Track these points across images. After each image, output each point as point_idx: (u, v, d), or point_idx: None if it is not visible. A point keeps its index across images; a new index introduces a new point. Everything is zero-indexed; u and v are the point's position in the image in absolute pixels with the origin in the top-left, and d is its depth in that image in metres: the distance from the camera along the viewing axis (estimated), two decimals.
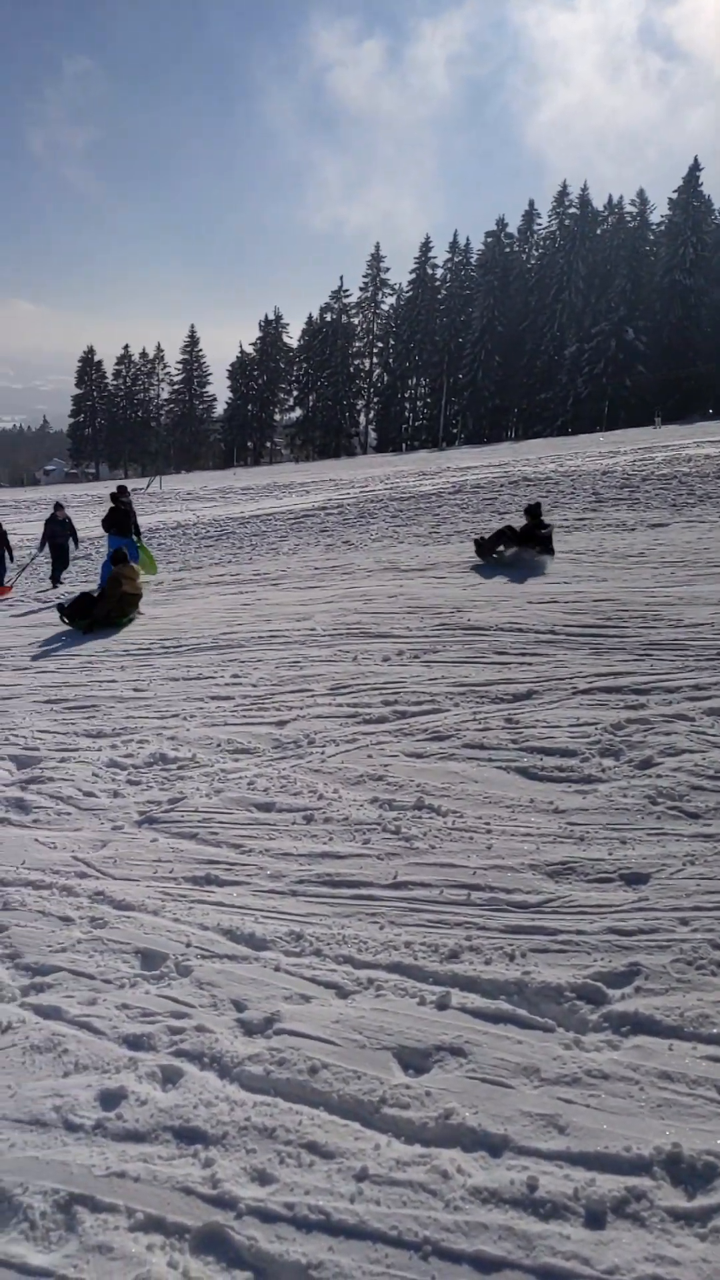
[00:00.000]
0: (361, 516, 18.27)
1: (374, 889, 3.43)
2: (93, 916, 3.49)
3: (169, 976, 3.02)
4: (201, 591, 11.71)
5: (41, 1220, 2.06)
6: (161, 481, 43.57)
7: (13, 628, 10.91)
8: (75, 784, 4.98)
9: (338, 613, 8.53)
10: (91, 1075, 2.55)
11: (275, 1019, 2.69)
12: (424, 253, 75.41)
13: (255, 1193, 2.07)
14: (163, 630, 9.13)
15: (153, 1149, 2.24)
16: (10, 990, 3.06)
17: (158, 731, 5.71)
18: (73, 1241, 2.00)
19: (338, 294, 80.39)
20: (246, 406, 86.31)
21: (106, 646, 8.66)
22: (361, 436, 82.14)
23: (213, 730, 5.58)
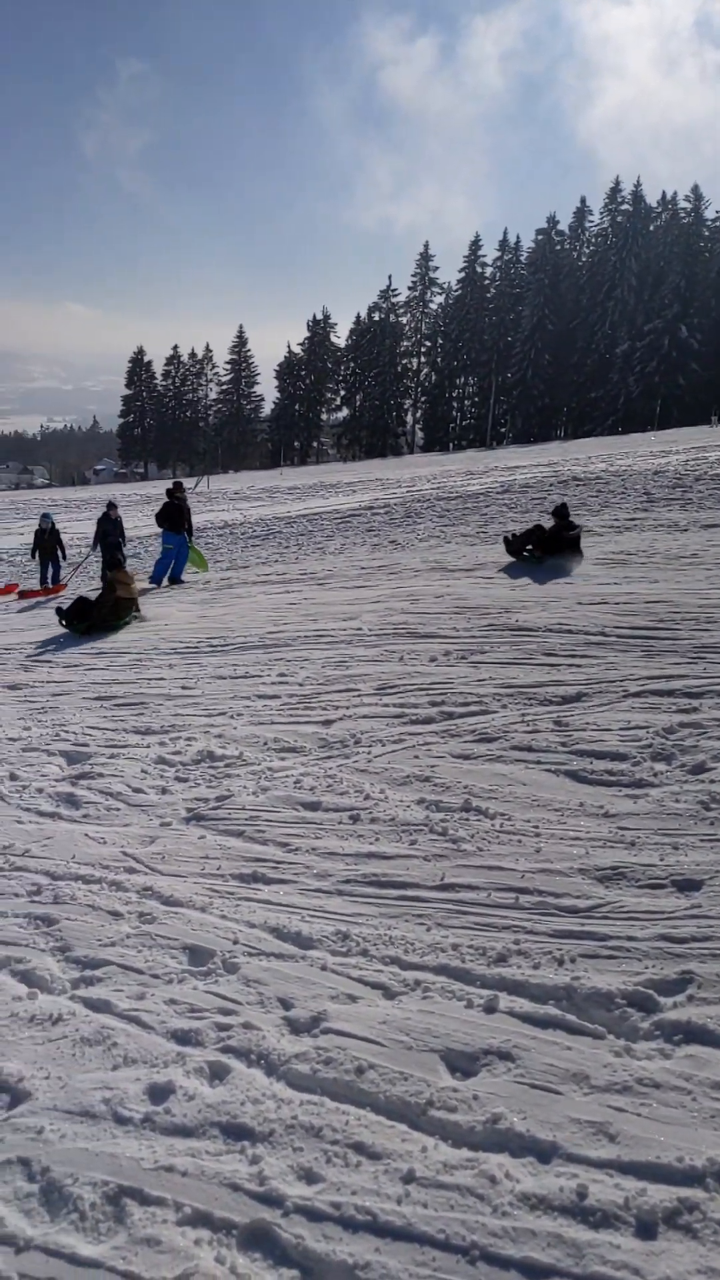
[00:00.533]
0: (408, 516, 18.23)
1: (421, 890, 3.42)
2: (141, 912, 3.52)
3: (216, 973, 3.04)
4: (248, 591, 11.79)
5: (91, 1211, 2.08)
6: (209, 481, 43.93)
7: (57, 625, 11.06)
8: (124, 780, 5.04)
9: (384, 612, 8.53)
10: (140, 1069, 2.57)
11: (322, 1018, 2.69)
12: (473, 251, 75.06)
13: (302, 1191, 2.07)
14: (210, 629, 9.21)
15: (200, 1144, 2.26)
16: (61, 983, 3.10)
17: (205, 729, 5.75)
18: (122, 1233, 2.02)
19: (386, 293, 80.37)
20: (293, 406, 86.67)
21: (155, 644, 8.76)
22: (408, 436, 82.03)
23: (259, 729, 5.61)
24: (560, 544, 10.26)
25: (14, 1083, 2.56)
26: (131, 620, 10.25)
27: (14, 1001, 3.00)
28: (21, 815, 4.72)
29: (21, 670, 8.51)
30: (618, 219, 66.60)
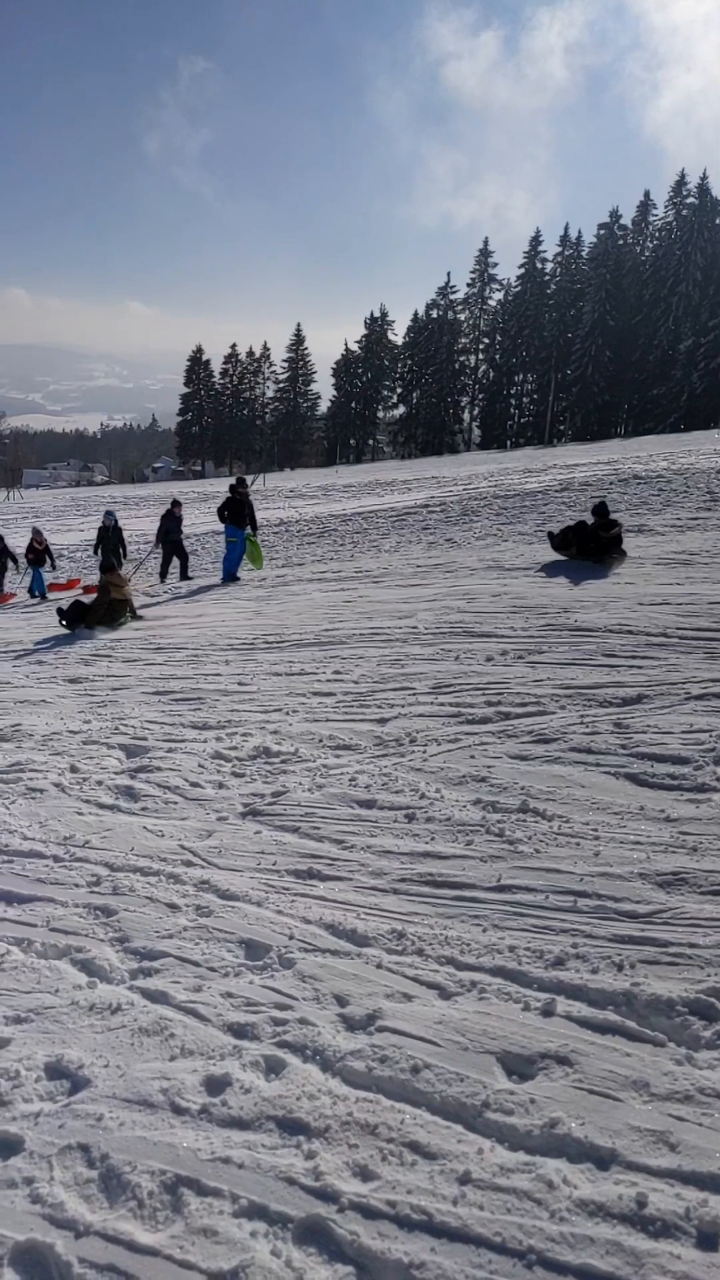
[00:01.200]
0: (465, 514, 18.14)
1: (477, 891, 3.40)
2: (198, 905, 3.56)
3: (272, 968, 3.06)
4: (304, 588, 11.84)
5: (149, 1199, 2.11)
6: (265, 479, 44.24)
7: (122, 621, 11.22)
8: (182, 774, 5.10)
9: (440, 611, 8.50)
10: (197, 1060, 2.60)
11: (377, 1016, 2.70)
12: (533, 247, 74.34)
13: (358, 1188, 2.08)
14: (265, 626, 9.27)
15: (256, 1137, 2.27)
16: (120, 973, 3.15)
17: (261, 725, 5.79)
18: (179, 1223, 2.04)
19: (444, 290, 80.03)
20: (350, 404, 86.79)
21: (212, 641, 8.85)
22: (465, 433, 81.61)
23: (315, 726, 5.63)
24: (598, 543, 10.14)
25: (74, 1069, 2.61)
26: (127, 620, 10.74)
27: (74, 990, 3.06)
28: (81, 807, 4.80)
29: (82, 664, 8.66)
30: (683, 212, 65.39)
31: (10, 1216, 2.10)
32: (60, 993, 3.05)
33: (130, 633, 10.16)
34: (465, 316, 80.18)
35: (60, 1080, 2.60)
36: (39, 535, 16.62)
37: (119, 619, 10.67)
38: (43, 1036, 2.80)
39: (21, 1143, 2.33)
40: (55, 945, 3.38)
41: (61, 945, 3.38)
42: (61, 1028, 2.84)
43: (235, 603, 11.54)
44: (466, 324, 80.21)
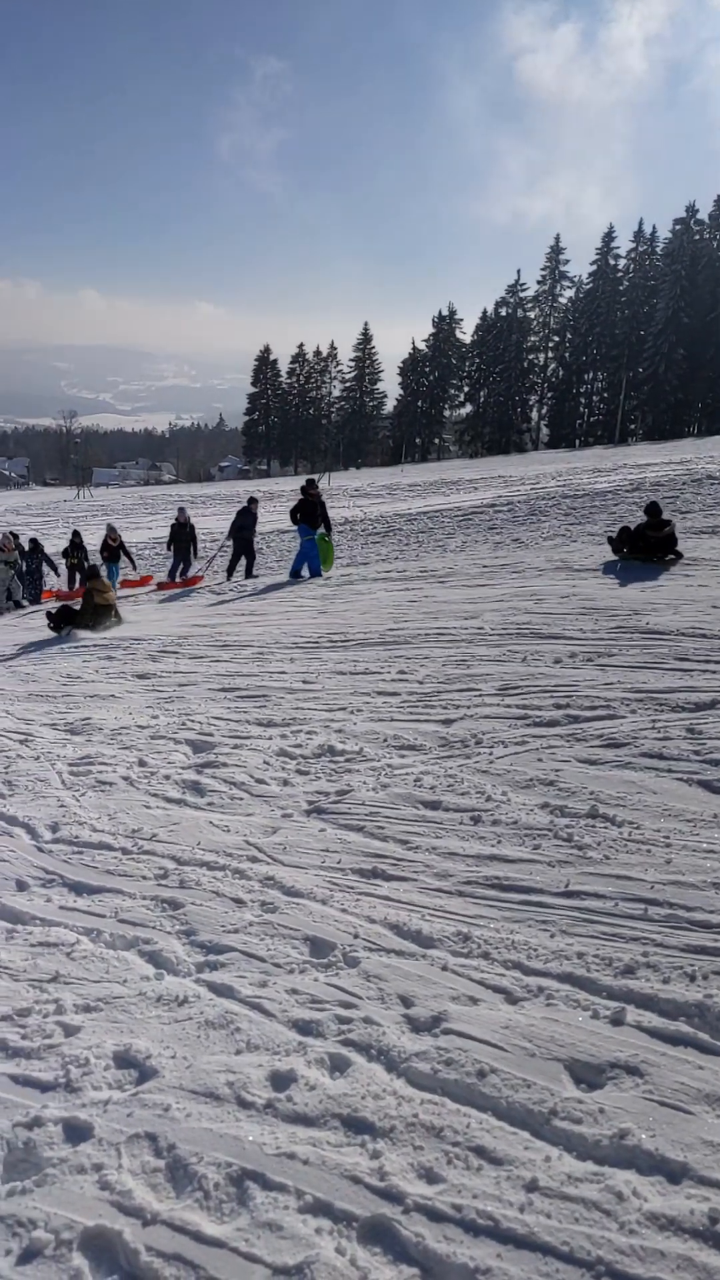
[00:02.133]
0: (532, 514, 17.98)
1: (544, 896, 3.35)
2: (263, 901, 3.59)
3: (337, 966, 3.07)
4: (368, 587, 11.85)
5: (215, 1191, 2.13)
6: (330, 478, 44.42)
7: (193, 620, 11.39)
8: (247, 770, 5.14)
9: (507, 612, 8.43)
10: (263, 1055, 2.62)
11: (443, 1018, 2.68)
12: (606, 243, 73.26)
13: (423, 1190, 2.07)
14: (330, 625, 9.31)
15: (321, 1134, 2.28)
16: (186, 966, 3.19)
17: (325, 724, 5.81)
18: (244, 1216, 2.06)
19: (514, 288, 79.37)
20: (416, 403, 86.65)
21: (277, 639, 8.91)
22: (533, 432, 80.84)
23: (379, 725, 5.63)
24: (647, 543, 9.98)
25: (142, 1059, 2.65)
26: (113, 624, 11.40)
27: (142, 981, 3.11)
28: (149, 801, 4.88)
29: (150, 660, 8.80)
30: None
31: (80, 1201, 2.13)
32: (128, 983, 3.10)
33: (195, 630, 10.29)
34: (535, 314, 79.38)
35: (128, 1069, 2.64)
36: (113, 532, 16.87)
37: (104, 622, 11.29)
38: (111, 1025, 2.85)
39: (91, 1129, 2.37)
40: (123, 936, 3.44)
41: (129, 936, 3.43)
42: (130, 1017, 2.89)
43: (300, 601, 11.61)
44: (536, 322, 79.40)
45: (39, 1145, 2.33)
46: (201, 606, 12.64)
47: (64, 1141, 2.35)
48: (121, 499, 45.56)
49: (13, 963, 3.30)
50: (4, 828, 4.66)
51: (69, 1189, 2.18)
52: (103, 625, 11.15)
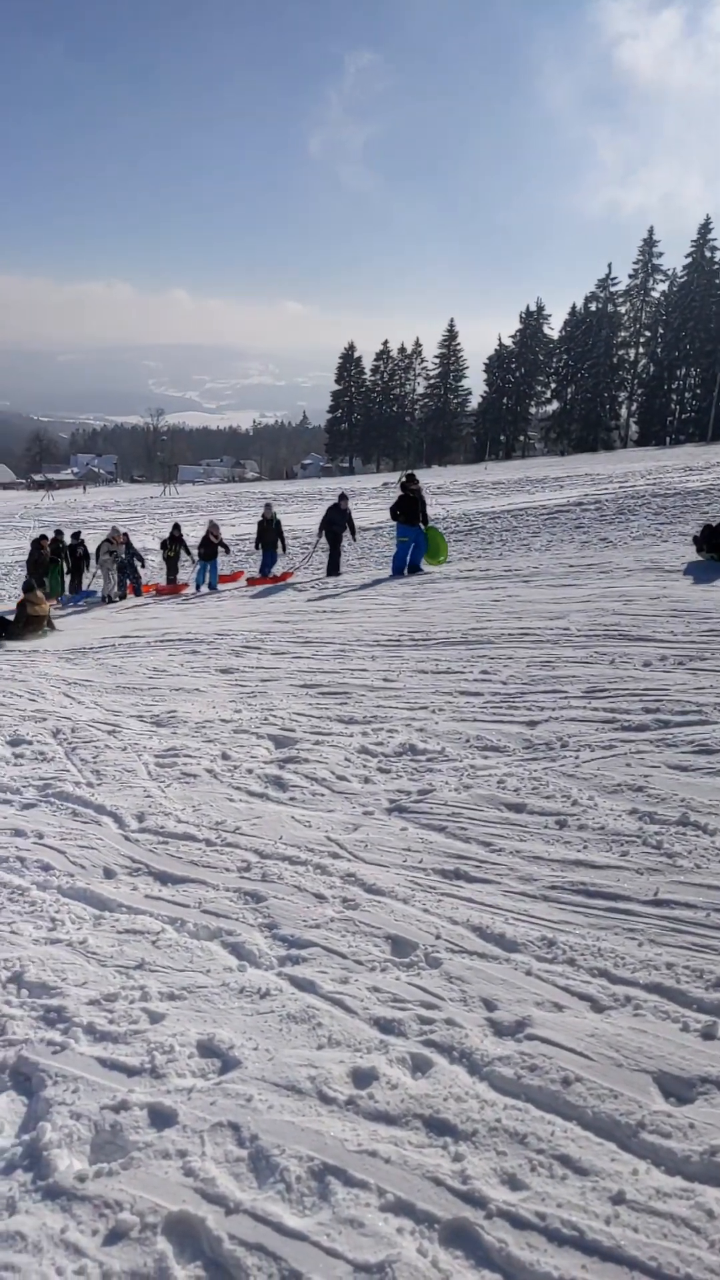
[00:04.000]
0: (620, 513, 17.64)
1: (632, 904, 3.28)
2: (345, 897, 3.60)
3: (418, 965, 3.05)
4: (450, 586, 11.80)
5: (297, 1184, 2.14)
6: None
7: (275, 616, 11.51)
8: (328, 767, 5.16)
9: (594, 613, 8.29)
10: (344, 1052, 2.63)
11: (526, 1023, 2.64)
12: (702, 235, 71.42)
13: (506, 1196, 2.04)
14: (412, 623, 9.30)
15: (403, 1133, 2.27)
16: (269, 959, 3.22)
17: (407, 722, 5.80)
18: (325, 1210, 2.06)
19: (604, 282, 78.02)
20: (501, 400, 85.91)
21: (359, 637, 8.94)
22: (622, 430, 79.28)
23: (461, 725, 5.59)
24: None
25: (225, 1049, 2.68)
26: (46, 633, 12.65)
27: (225, 972, 3.15)
28: (233, 794, 4.94)
29: (233, 656, 8.93)
30: None
31: (164, 1186, 2.17)
32: (211, 973, 3.14)
33: (277, 626, 10.39)
34: (626, 309, 77.89)
35: (211, 1059, 2.67)
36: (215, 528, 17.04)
37: (38, 632, 12.56)
38: (195, 1015, 2.89)
39: (175, 1115, 2.41)
40: (207, 927, 3.49)
41: (213, 927, 3.48)
42: (213, 1007, 2.93)
43: (381, 599, 11.63)
44: (627, 316, 77.90)
45: (125, 1129, 2.38)
46: (285, 602, 12.77)
47: (149, 1126, 2.39)
48: (206, 496, 46.36)
49: (100, 948, 3.38)
50: (92, 816, 4.78)
51: (154, 1173, 2.22)
52: (34, 636, 12.38)
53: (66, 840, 4.47)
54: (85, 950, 3.37)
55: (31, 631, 12.47)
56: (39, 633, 12.50)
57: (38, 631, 12.51)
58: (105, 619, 14.36)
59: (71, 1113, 2.45)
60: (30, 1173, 2.26)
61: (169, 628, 11.60)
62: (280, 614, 11.49)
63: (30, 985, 3.14)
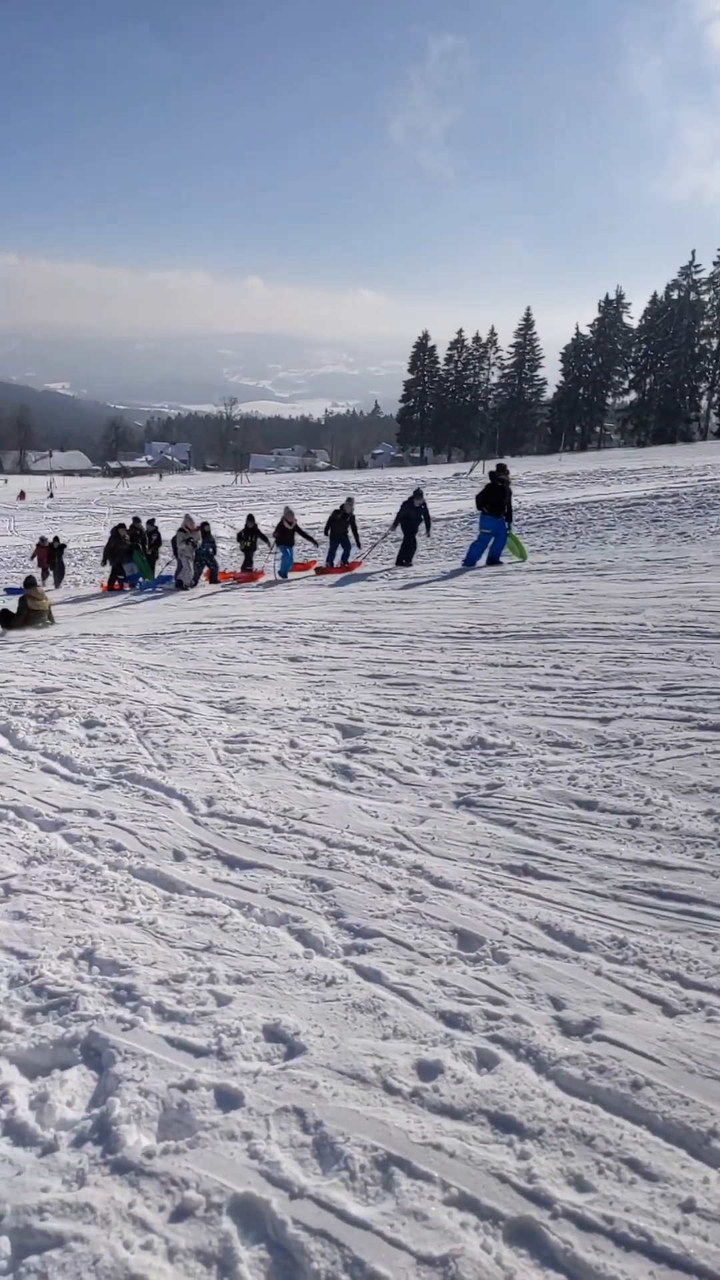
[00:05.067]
0: (699, 507, 17.23)
1: (706, 907, 3.19)
2: (411, 889, 3.59)
3: (485, 960, 3.03)
4: (522, 578, 11.68)
5: (361, 1173, 2.14)
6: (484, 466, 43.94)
7: (344, 606, 11.53)
8: (396, 758, 5.16)
9: (671, 609, 8.11)
10: (409, 1043, 2.62)
11: (595, 1024, 2.60)
12: None
13: (572, 1197, 2.02)
14: (482, 615, 9.22)
15: (468, 1128, 2.26)
16: (335, 947, 3.23)
17: (476, 715, 5.76)
18: (389, 1201, 2.06)
19: (687, 269, 76.10)
20: (578, 390, 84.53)
21: (427, 628, 8.90)
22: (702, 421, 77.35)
23: (532, 720, 5.53)
24: None
25: (291, 1035, 2.70)
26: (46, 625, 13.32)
27: (291, 958, 3.17)
28: (300, 781, 4.97)
29: (301, 644, 8.97)
30: None
31: (230, 1167, 2.20)
32: (278, 959, 3.17)
33: (345, 615, 10.40)
34: (709, 297, 75.84)
35: (277, 1043, 2.69)
36: (290, 515, 17.06)
37: (38, 624, 13.28)
38: (261, 999, 2.92)
39: (241, 1098, 2.44)
40: (274, 913, 3.51)
41: (280, 913, 3.51)
42: (279, 993, 2.95)
43: (451, 591, 11.56)
44: (710, 305, 75.84)
45: (192, 1108, 2.42)
46: (354, 592, 12.79)
47: (215, 1107, 2.42)
48: (277, 485, 46.64)
49: (169, 929, 3.44)
50: (163, 799, 4.86)
51: (220, 1154, 2.24)
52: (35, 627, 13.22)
53: (138, 822, 4.55)
54: (155, 931, 3.43)
55: (31, 624, 13.30)
56: (39, 625, 13.31)
57: (38, 623, 13.36)
58: (177, 605, 14.58)
59: (140, 1089, 2.50)
60: (100, 1146, 2.31)
61: (238, 615, 11.71)
62: (349, 604, 11.51)
63: (101, 963, 3.20)
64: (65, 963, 3.21)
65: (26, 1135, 2.38)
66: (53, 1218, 2.07)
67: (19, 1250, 2.00)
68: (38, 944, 3.35)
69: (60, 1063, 2.70)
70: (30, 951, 3.30)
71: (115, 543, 19.00)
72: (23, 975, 3.14)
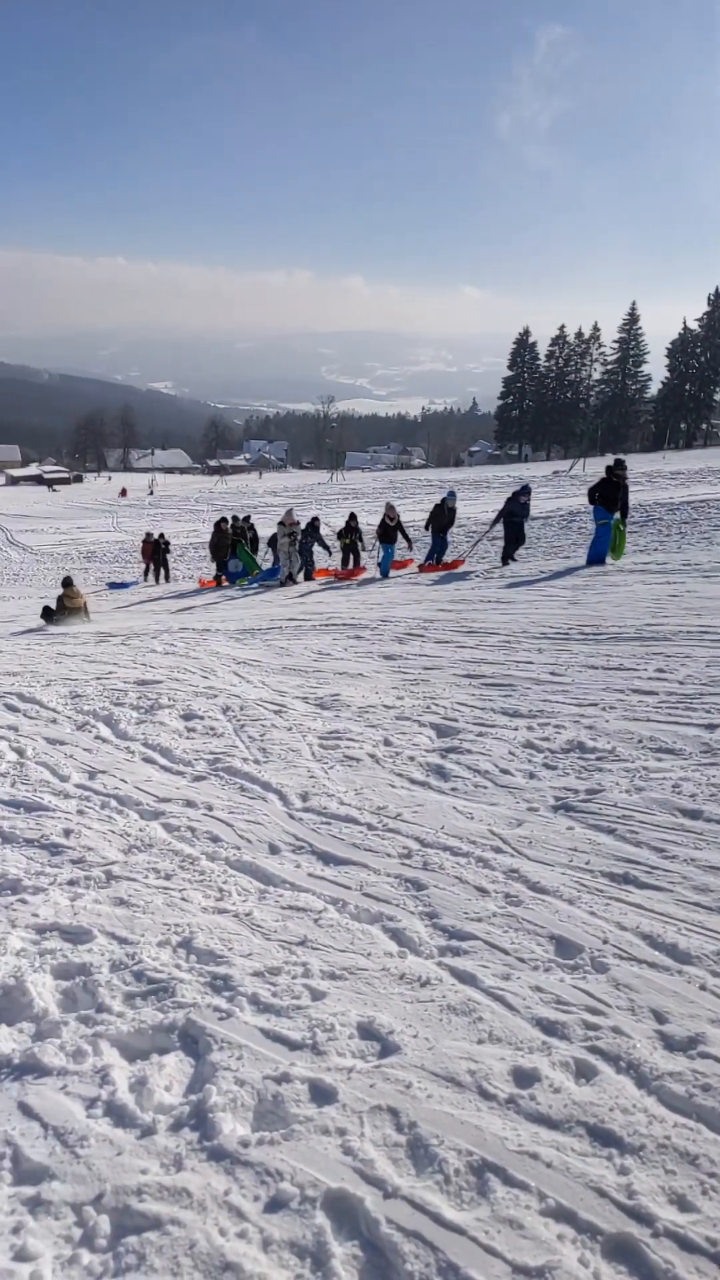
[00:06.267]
0: None
1: None
2: (508, 893, 3.54)
3: (584, 969, 2.97)
4: (624, 579, 11.42)
5: (455, 1177, 2.12)
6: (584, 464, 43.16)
7: (439, 604, 11.48)
8: (492, 759, 5.10)
9: None
10: (505, 1049, 2.59)
11: (700, 1040, 2.52)
12: None
13: (674, 1216, 1.95)
14: (581, 616, 9.05)
15: (565, 1139, 2.21)
16: (429, 948, 3.21)
17: (575, 719, 5.65)
18: (484, 1207, 2.04)
19: None
20: (684, 386, 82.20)
21: (525, 628, 8.78)
22: None
23: (634, 724, 5.40)
24: None
25: (385, 1034, 2.70)
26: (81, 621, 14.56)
27: (385, 957, 3.16)
28: (394, 780, 4.96)
29: (396, 642, 8.96)
30: None
31: (323, 1162, 2.21)
32: (372, 957, 3.17)
33: (441, 614, 10.34)
34: None
35: (371, 1041, 2.69)
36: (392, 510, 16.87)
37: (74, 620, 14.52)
38: (355, 996, 2.92)
39: (335, 1094, 2.44)
40: (368, 910, 3.52)
41: (374, 911, 3.50)
42: (373, 991, 2.95)
43: (549, 591, 11.39)
44: None
45: (286, 1100, 2.43)
46: (450, 590, 12.72)
47: (310, 1101, 2.44)
48: (372, 482, 46.78)
49: (265, 922, 3.47)
50: (259, 792, 4.92)
51: (314, 1148, 2.25)
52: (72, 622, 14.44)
53: (234, 814, 4.62)
54: (250, 922, 3.47)
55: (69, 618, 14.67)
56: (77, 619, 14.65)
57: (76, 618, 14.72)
58: (273, 601, 14.76)
59: (236, 1079, 2.53)
60: (196, 1132, 2.35)
61: (333, 612, 11.79)
62: (444, 602, 11.45)
63: (199, 951, 3.26)
64: (164, 950, 3.28)
65: (126, 1117, 2.43)
66: (151, 1200, 2.11)
67: (118, 1230, 2.05)
68: (137, 930, 3.43)
69: (158, 1048, 2.76)
70: (130, 937, 3.38)
71: (219, 537, 19.29)
72: (123, 960, 3.21)
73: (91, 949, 3.30)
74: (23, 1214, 2.10)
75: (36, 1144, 2.32)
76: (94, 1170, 2.22)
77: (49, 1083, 2.58)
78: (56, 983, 3.12)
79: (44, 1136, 2.35)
